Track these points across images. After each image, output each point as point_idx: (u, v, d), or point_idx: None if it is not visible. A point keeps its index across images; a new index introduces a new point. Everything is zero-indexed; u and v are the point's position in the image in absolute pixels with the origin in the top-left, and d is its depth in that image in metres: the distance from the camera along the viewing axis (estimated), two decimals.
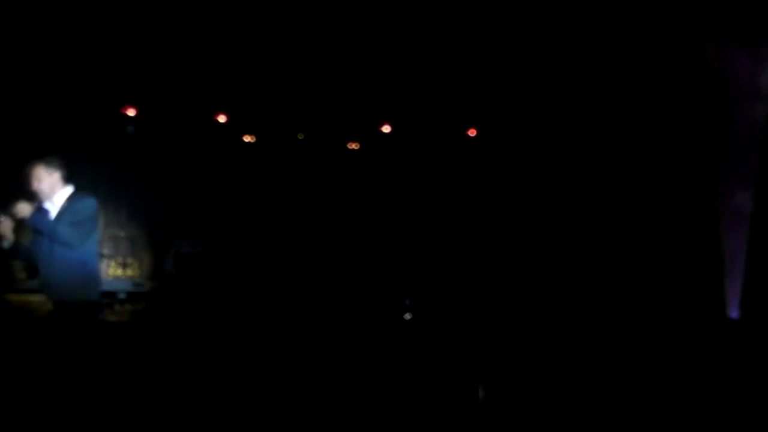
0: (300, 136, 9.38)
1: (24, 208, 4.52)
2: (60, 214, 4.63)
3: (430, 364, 6.36)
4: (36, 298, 5.91)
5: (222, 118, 9.12)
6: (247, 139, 9.38)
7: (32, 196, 4.62)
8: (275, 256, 8.94)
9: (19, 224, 4.59)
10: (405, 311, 8.03)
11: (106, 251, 8.57)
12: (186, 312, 7.90)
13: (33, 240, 4.69)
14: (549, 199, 8.71)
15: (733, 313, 6.38)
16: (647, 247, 7.55)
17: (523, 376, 5.92)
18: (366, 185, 9.46)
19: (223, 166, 9.33)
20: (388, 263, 8.97)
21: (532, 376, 5.93)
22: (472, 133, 9.34)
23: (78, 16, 7.53)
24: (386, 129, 9.35)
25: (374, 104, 9.19)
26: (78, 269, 4.61)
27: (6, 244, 4.57)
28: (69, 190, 4.74)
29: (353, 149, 9.54)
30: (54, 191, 4.67)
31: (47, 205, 4.65)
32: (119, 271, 9.12)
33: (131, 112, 8.73)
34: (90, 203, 4.74)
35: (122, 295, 7.30)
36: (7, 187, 5.00)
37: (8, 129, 7.78)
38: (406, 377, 6.01)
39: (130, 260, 9.22)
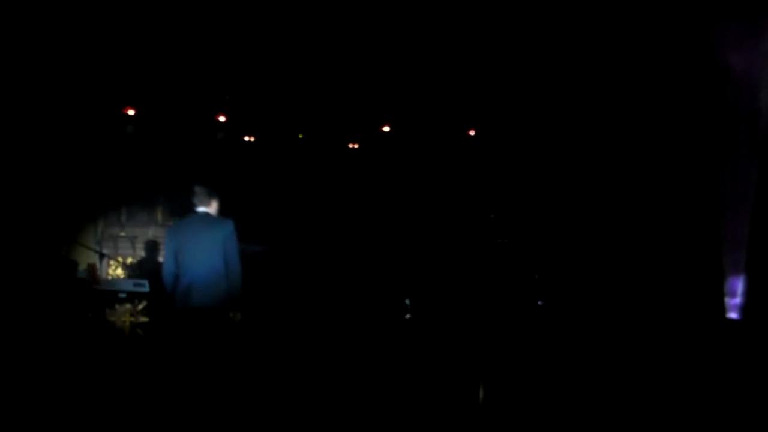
0: (300, 136, 9.43)
1: None
2: None
3: (430, 364, 6.36)
4: None
5: (223, 119, 9.15)
6: (247, 139, 9.42)
7: None
8: (277, 256, 8.95)
9: None
10: (405, 309, 8.03)
11: (106, 251, 8.60)
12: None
13: None
14: (547, 198, 8.71)
15: (733, 313, 6.38)
16: (646, 246, 7.54)
17: (523, 376, 5.93)
18: (365, 184, 9.48)
19: (224, 166, 9.34)
20: (388, 262, 8.98)
21: (532, 375, 5.93)
22: (471, 133, 9.38)
23: (80, 17, 7.54)
24: (386, 129, 9.39)
25: (374, 107, 9.23)
26: None
27: None
28: None
29: (353, 149, 9.57)
30: None
31: None
32: (119, 271, 9.13)
33: (131, 112, 8.75)
34: None
35: (122, 295, 7.31)
36: None
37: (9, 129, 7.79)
38: (406, 377, 6.01)
39: (130, 260, 9.25)
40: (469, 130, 9.45)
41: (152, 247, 8.59)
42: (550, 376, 5.87)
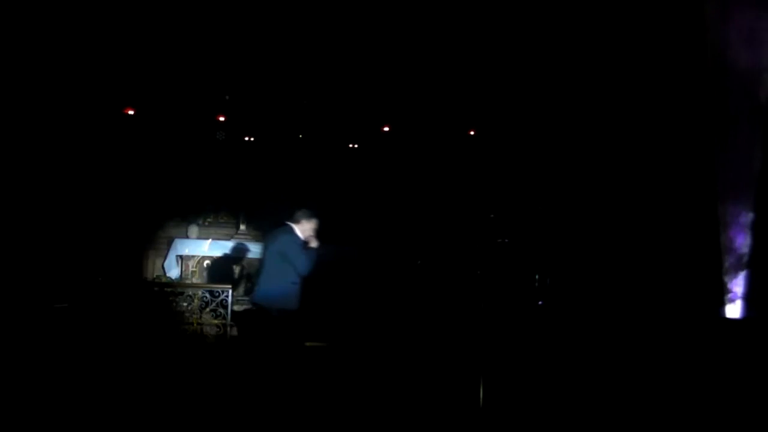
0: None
1: None
2: None
3: (430, 364, 6.36)
4: None
5: (222, 119, 9.20)
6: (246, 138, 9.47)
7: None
8: None
9: None
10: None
11: None
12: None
13: None
14: (546, 197, 8.72)
15: (733, 313, 6.37)
16: (645, 245, 7.54)
17: (523, 376, 5.92)
18: (366, 182, 9.51)
19: (223, 166, 9.39)
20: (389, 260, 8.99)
21: (532, 375, 5.93)
22: (470, 133, 9.41)
23: (86, 21, 7.63)
24: (386, 130, 9.43)
25: (374, 109, 9.28)
26: None
27: None
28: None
29: (353, 148, 9.61)
30: None
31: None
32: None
33: (131, 113, 8.80)
34: None
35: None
36: None
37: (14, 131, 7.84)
38: (406, 376, 6.01)
39: None
40: (470, 130, 9.47)
41: None
42: (550, 376, 5.86)
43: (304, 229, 5.93)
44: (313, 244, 5.89)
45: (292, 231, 5.91)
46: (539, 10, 7.65)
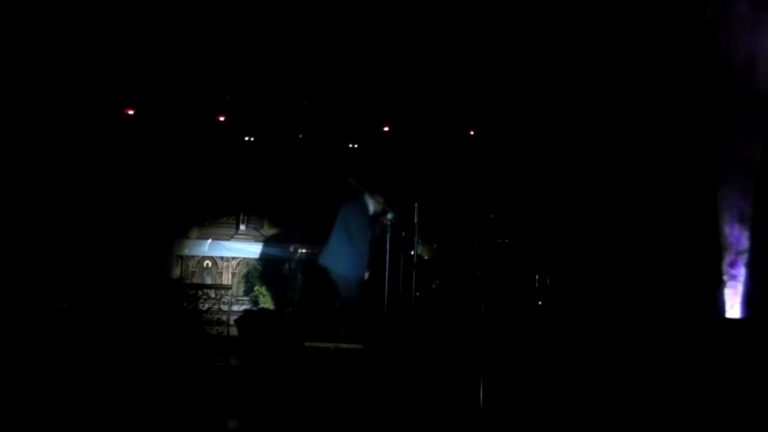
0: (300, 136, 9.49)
1: None
2: None
3: (430, 364, 6.36)
4: None
5: (222, 118, 9.20)
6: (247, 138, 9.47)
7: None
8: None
9: None
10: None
11: None
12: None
13: None
14: (546, 197, 8.71)
15: (733, 313, 6.37)
16: (645, 242, 7.53)
17: (521, 376, 5.92)
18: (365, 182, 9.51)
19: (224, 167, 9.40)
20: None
21: (530, 375, 5.93)
22: (471, 133, 9.41)
23: (86, 20, 7.64)
24: (386, 130, 9.43)
25: (374, 109, 9.29)
26: None
27: None
28: None
29: (353, 148, 9.61)
30: None
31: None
32: None
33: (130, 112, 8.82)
34: None
35: None
36: None
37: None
38: (406, 376, 6.01)
39: None
40: (470, 130, 9.47)
41: None
42: (550, 376, 5.86)
43: (378, 202, 6.05)
44: (386, 218, 5.97)
45: (362, 202, 6.02)
46: (538, 6, 7.66)
